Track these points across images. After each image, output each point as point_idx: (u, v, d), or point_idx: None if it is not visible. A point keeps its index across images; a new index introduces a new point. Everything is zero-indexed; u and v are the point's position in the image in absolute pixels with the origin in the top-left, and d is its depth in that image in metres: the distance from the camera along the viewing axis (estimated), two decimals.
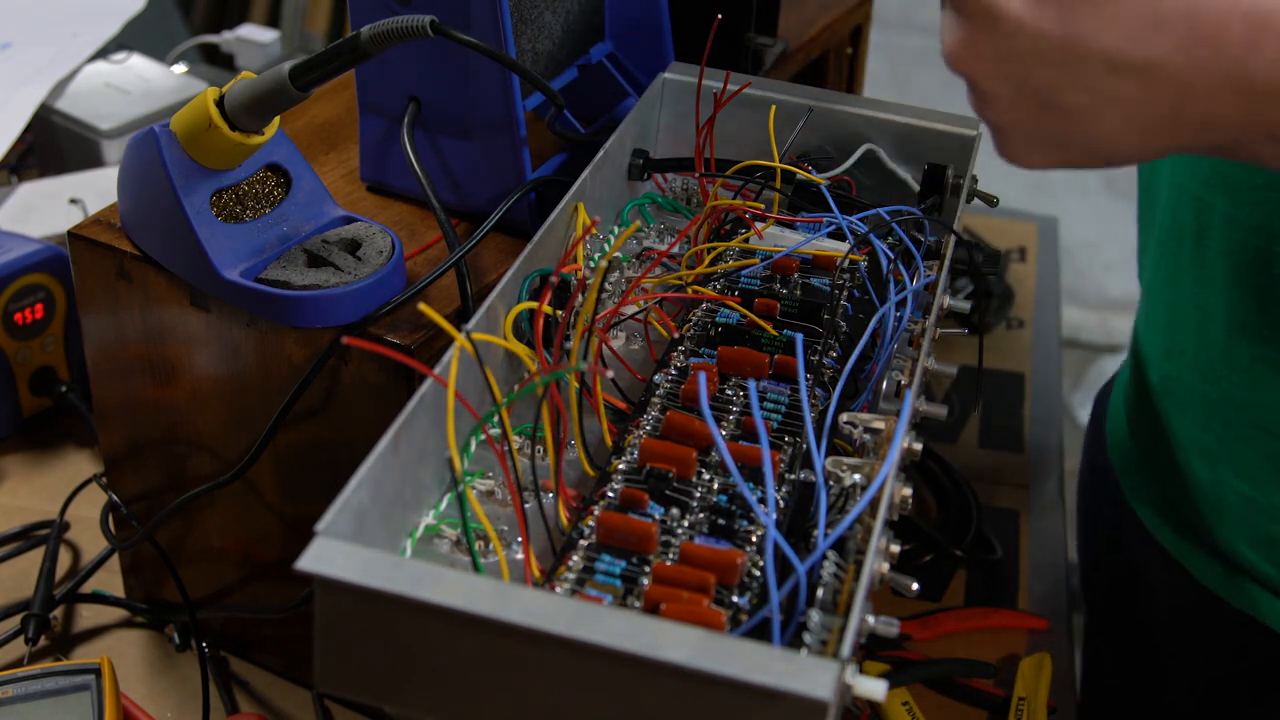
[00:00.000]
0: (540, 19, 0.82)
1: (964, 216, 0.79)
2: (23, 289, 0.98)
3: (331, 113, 0.90)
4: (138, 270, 0.75)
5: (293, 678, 0.85)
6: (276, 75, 0.69)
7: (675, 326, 0.72)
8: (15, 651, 0.86)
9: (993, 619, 0.92)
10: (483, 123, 0.78)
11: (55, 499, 0.95)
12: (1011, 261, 1.34)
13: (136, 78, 1.28)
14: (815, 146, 0.85)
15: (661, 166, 0.83)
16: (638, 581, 0.56)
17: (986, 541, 0.99)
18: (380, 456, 0.54)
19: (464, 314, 0.72)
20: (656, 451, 0.61)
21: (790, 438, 0.64)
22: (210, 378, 0.76)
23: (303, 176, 0.75)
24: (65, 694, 0.75)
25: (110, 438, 0.83)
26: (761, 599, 0.55)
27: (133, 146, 0.73)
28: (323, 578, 0.48)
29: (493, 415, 0.59)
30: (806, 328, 0.71)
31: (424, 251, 0.78)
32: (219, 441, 0.78)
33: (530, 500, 0.62)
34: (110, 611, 0.90)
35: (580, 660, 0.46)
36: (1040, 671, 0.86)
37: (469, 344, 0.58)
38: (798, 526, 0.60)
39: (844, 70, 1.15)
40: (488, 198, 0.79)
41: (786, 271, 0.75)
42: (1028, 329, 1.25)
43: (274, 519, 0.79)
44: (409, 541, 0.59)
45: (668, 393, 0.67)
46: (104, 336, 0.79)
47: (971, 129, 0.83)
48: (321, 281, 0.70)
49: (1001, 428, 1.12)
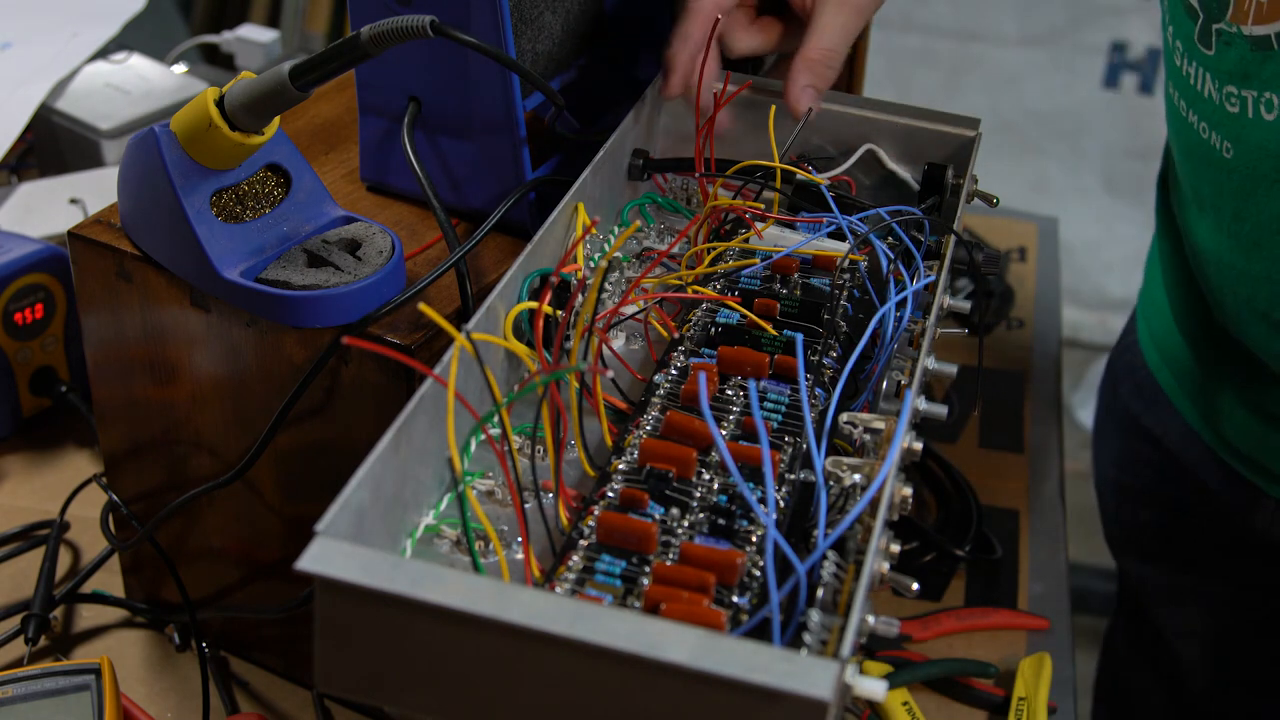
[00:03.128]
0: (540, 19, 0.82)
1: (964, 216, 0.79)
2: (23, 289, 0.98)
3: (331, 113, 0.90)
4: (138, 270, 0.75)
5: (293, 678, 0.85)
6: (276, 75, 0.69)
7: (675, 326, 0.72)
8: (15, 651, 0.86)
9: (993, 619, 0.92)
10: (483, 123, 0.78)
11: (55, 499, 0.95)
12: (1011, 261, 1.34)
13: (136, 78, 1.28)
14: (815, 146, 0.85)
15: (661, 166, 0.83)
16: (638, 581, 0.56)
17: (986, 541, 0.99)
18: (380, 456, 0.54)
19: (464, 314, 0.72)
20: (656, 451, 0.61)
21: (790, 438, 0.64)
22: (210, 378, 0.76)
23: (303, 176, 0.75)
24: (65, 694, 0.75)
25: (110, 438, 0.83)
26: (761, 599, 0.55)
27: (133, 146, 0.73)
28: (323, 578, 0.48)
29: (493, 415, 0.59)
30: (806, 328, 0.71)
31: (424, 251, 0.78)
32: (219, 441, 0.78)
33: (530, 500, 0.62)
34: (110, 611, 0.90)
35: (580, 660, 0.46)
36: (1040, 671, 0.86)
37: (469, 344, 0.58)
38: (798, 526, 0.60)
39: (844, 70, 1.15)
40: (488, 198, 0.79)
41: (786, 271, 0.75)
42: (1028, 329, 1.25)
43: (274, 519, 0.79)
44: (409, 541, 0.59)
45: (668, 393, 0.67)
46: (104, 336, 0.79)
47: (971, 129, 0.83)
48: (321, 281, 0.70)
49: (1001, 428, 1.12)
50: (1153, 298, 1.07)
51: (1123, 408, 1.11)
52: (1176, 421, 1.03)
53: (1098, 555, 1.82)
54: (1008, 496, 1.05)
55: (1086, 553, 1.84)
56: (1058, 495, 1.05)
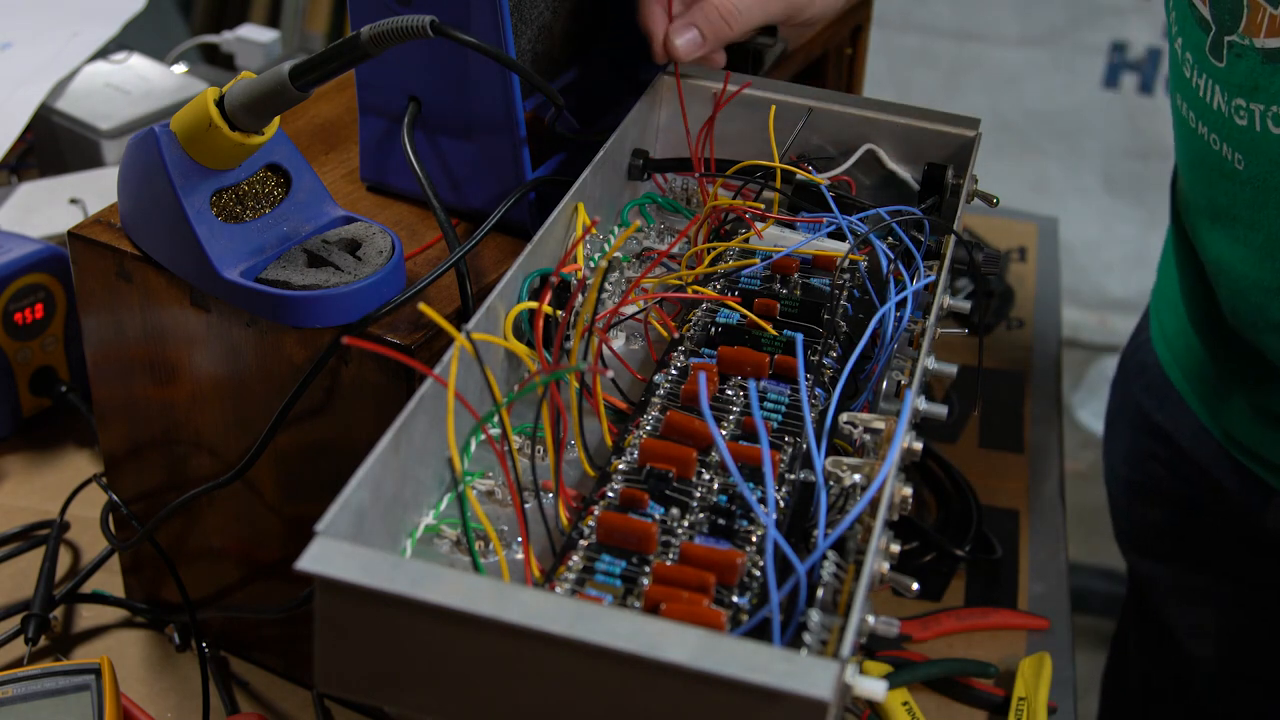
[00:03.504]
0: (540, 19, 0.82)
1: (964, 216, 0.79)
2: (23, 289, 0.98)
3: (331, 113, 0.90)
4: (138, 270, 0.75)
5: (293, 678, 0.85)
6: (276, 75, 0.69)
7: (675, 326, 0.72)
8: (15, 651, 0.86)
9: (993, 619, 0.92)
10: (483, 123, 0.78)
11: (55, 499, 0.95)
12: (1011, 261, 1.34)
13: (136, 78, 1.28)
14: (815, 146, 0.85)
15: (661, 166, 0.83)
16: (638, 581, 0.56)
17: (986, 541, 0.99)
18: (380, 456, 0.54)
19: (464, 314, 0.72)
20: (656, 451, 0.61)
21: (790, 438, 0.64)
22: (210, 378, 0.76)
23: (303, 176, 0.75)
24: (65, 694, 0.75)
25: (110, 438, 0.83)
26: (761, 599, 0.55)
27: (133, 146, 0.73)
28: (323, 578, 0.48)
29: (493, 415, 0.59)
30: (806, 328, 0.71)
31: (424, 251, 0.78)
32: (219, 441, 0.78)
33: (530, 500, 0.62)
34: (110, 611, 0.90)
35: (580, 660, 0.46)
36: (1040, 671, 0.87)
37: (469, 344, 0.58)
38: (798, 526, 0.60)
39: (844, 70, 1.15)
40: (488, 198, 0.79)
41: (786, 271, 0.75)
42: (1028, 329, 1.25)
43: (274, 519, 0.79)
44: (409, 541, 0.59)
45: (668, 393, 0.67)
46: (104, 336, 0.79)
47: (971, 129, 0.83)
48: (321, 281, 0.70)
49: (1001, 428, 1.12)
50: (1166, 296, 1.07)
51: (1135, 405, 1.11)
52: (1189, 419, 1.03)
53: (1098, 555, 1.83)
54: (1008, 496, 1.05)
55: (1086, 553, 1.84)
56: (1058, 495, 1.05)
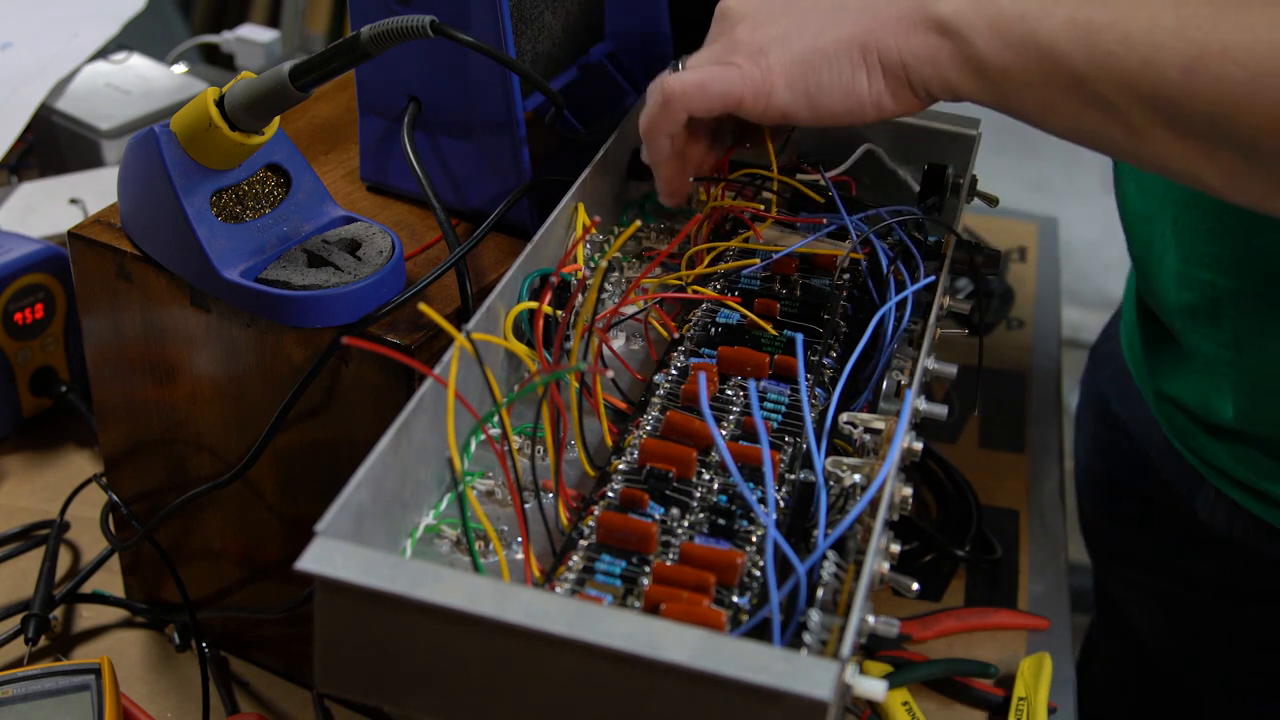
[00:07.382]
0: (540, 19, 0.82)
1: (964, 216, 0.79)
2: (23, 289, 0.98)
3: (331, 113, 0.90)
4: (138, 270, 0.75)
5: (293, 678, 0.85)
6: (276, 75, 0.69)
7: (675, 326, 0.72)
8: (15, 651, 0.86)
9: (993, 619, 0.92)
10: (483, 123, 0.78)
11: (55, 499, 0.95)
12: (1011, 261, 1.34)
13: (136, 78, 1.28)
14: (815, 146, 0.85)
15: None
16: (638, 581, 0.56)
17: (986, 541, 0.99)
18: (380, 456, 0.54)
19: (464, 314, 0.72)
20: (656, 451, 0.61)
21: (790, 438, 0.64)
22: (210, 378, 0.76)
23: (303, 176, 0.75)
24: (65, 694, 0.75)
25: (110, 438, 0.83)
26: (761, 599, 0.55)
27: (133, 146, 0.73)
28: (323, 578, 0.48)
29: (493, 415, 0.59)
30: (806, 328, 0.71)
31: (424, 251, 0.78)
32: (219, 441, 0.78)
33: (530, 500, 0.62)
34: (110, 611, 0.90)
35: (580, 660, 0.46)
36: (1040, 671, 0.86)
37: (469, 344, 0.58)
38: (798, 526, 0.60)
39: None
40: (488, 198, 0.79)
41: (786, 271, 0.75)
42: (1028, 329, 1.25)
43: (274, 519, 0.79)
44: (409, 541, 0.59)
45: (668, 393, 0.67)
46: (104, 336, 0.79)
47: (972, 129, 0.83)
48: (321, 281, 0.71)
49: (1001, 428, 1.12)
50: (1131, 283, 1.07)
51: (1098, 396, 1.11)
52: (1142, 409, 1.02)
53: None
54: (1008, 496, 1.05)
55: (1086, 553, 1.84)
56: (1058, 495, 1.05)
